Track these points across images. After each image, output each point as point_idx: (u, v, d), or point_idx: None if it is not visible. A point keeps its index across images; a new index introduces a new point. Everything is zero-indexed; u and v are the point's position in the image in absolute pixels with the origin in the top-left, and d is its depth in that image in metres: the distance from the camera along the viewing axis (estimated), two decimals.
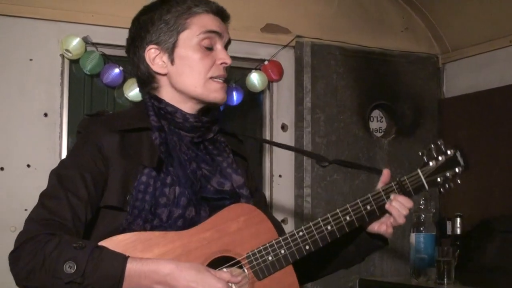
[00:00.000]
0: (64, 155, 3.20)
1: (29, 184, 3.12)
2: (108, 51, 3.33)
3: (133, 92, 3.29)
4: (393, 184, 1.96)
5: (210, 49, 1.90)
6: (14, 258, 1.64)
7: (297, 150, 3.49)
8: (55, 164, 3.11)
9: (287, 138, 3.73)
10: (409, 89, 4.04)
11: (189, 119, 1.89)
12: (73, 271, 1.57)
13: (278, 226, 1.98)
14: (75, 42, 3.20)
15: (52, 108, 3.23)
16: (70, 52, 3.20)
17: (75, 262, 1.58)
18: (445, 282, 3.24)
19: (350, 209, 1.92)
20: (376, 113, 4.03)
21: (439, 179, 1.98)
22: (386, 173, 2.01)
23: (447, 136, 4.00)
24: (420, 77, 4.08)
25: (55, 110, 3.23)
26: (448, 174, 1.98)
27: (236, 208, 1.84)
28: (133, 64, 1.96)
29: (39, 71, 3.22)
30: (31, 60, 3.20)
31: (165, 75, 1.91)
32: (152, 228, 1.76)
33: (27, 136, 3.18)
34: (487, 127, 3.75)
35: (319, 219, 1.90)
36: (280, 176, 3.72)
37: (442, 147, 1.99)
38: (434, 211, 3.43)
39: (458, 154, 1.99)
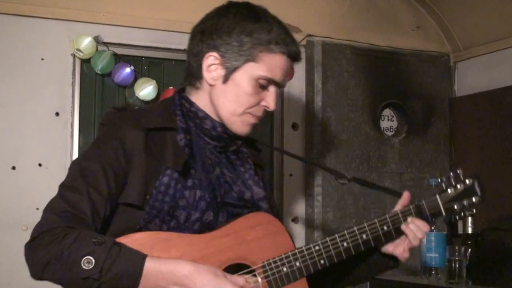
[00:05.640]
0: (75, 154, 3.21)
1: (41, 183, 3.13)
2: (119, 51, 3.33)
3: (144, 92, 3.29)
4: (411, 207, 1.98)
5: (264, 87, 1.88)
6: (31, 249, 1.64)
7: (319, 165, 3.48)
8: (66, 163, 3.17)
9: (298, 137, 3.73)
10: (420, 88, 4.03)
11: (217, 128, 1.89)
12: (91, 266, 1.57)
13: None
14: (86, 42, 3.21)
15: (63, 107, 3.24)
16: (82, 52, 3.21)
17: (93, 257, 1.58)
18: (457, 281, 3.23)
19: (367, 228, 1.92)
20: (387, 112, 4.02)
21: (456, 207, 2.00)
22: (405, 196, 2.02)
23: (459, 135, 3.99)
24: (431, 76, 4.07)
25: (66, 110, 3.24)
26: (465, 202, 2.00)
27: (255, 216, 1.85)
28: (190, 52, 1.92)
29: (51, 70, 3.23)
30: (42, 59, 3.21)
31: (211, 85, 1.89)
32: (169, 230, 1.76)
33: (39, 135, 3.19)
34: (499, 126, 3.74)
35: (336, 235, 1.89)
36: (290, 175, 3.72)
37: (461, 176, 2.01)
38: None
39: (476, 184, 2.01)
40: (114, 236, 1.69)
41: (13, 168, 3.14)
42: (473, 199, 2.01)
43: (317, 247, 1.86)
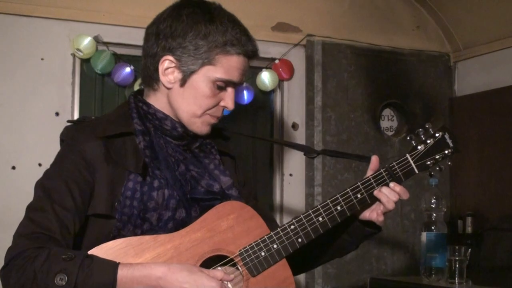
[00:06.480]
0: None
1: None
2: (119, 50, 3.33)
3: None
4: (382, 170, 1.96)
5: (222, 88, 1.86)
6: (5, 275, 1.64)
7: (284, 143, 3.47)
8: None
9: (298, 137, 3.73)
10: (420, 88, 4.03)
11: (178, 128, 1.88)
12: (64, 283, 1.57)
13: (271, 220, 1.99)
14: (86, 41, 3.21)
15: (63, 107, 3.24)
16: (81, 51, 3.21)
17: (66, 274, 1.57)
18: (457, 281, 3.22)
19: (340, 199, 1.92)
20: (387, 111, 4.02)
21: (428, 162, 1.97)
22: (374, 160, 2.01)
23: (458, 135, 3.99)
24: (431, 76, 4.07)
25: (66, 109, 3.24)
26: (437, 156, 1.96)
27: (225, 206, 1.84)
28: (146, 54, 1.90)
29: (51, 70, 3.23)
30: (42, 59, 3.21)
31: (168, 88, 1.87)
32: (143, 233, 1.76)
33: (39, 135, 3.19)
34: (499, 126, 3.74)
35: (310, 211, 1.89)
36: (290, 175, 3.72)
37: (430, 130, 1.98)
38: (445, 210, 3.42)
39: (446, 136, 1.97)
40: (88, 248, 1.69)
41: (13, 168, 3.15)
42: (446, 152, 1.96)
43: (292, 226, 1.86)
